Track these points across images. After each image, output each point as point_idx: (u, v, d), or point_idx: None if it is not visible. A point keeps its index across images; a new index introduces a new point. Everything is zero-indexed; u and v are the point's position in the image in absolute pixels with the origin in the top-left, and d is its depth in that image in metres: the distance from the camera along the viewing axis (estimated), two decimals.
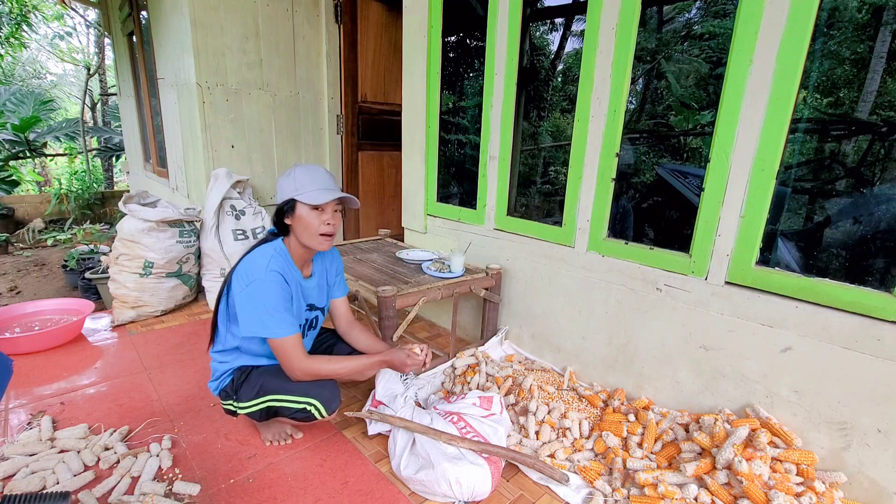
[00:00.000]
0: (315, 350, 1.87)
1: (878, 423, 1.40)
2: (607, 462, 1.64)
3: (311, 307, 1.71)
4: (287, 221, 1.53)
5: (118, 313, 2.73)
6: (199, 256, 3.00)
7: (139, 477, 1.53)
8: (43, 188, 9.03)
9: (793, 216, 2.10)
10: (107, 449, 1.66)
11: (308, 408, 1.56)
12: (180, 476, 1.55)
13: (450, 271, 2.28)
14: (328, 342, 1.90)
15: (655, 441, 1.67)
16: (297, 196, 1.47)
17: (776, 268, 1.56)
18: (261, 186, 3.38)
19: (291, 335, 1.49)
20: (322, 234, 1.50)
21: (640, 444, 1.67)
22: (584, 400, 1.94)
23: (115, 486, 1.49)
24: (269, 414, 1.62)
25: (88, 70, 7.38)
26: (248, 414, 1.62)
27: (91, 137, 7.46)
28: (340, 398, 1.61)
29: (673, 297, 1.80)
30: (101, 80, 9.27)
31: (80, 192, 5.99)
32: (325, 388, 1.58)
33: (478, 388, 2.03)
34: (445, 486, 1.45)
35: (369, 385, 1.98)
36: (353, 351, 1.84)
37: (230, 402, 1.64)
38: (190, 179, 3.36)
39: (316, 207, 1.48)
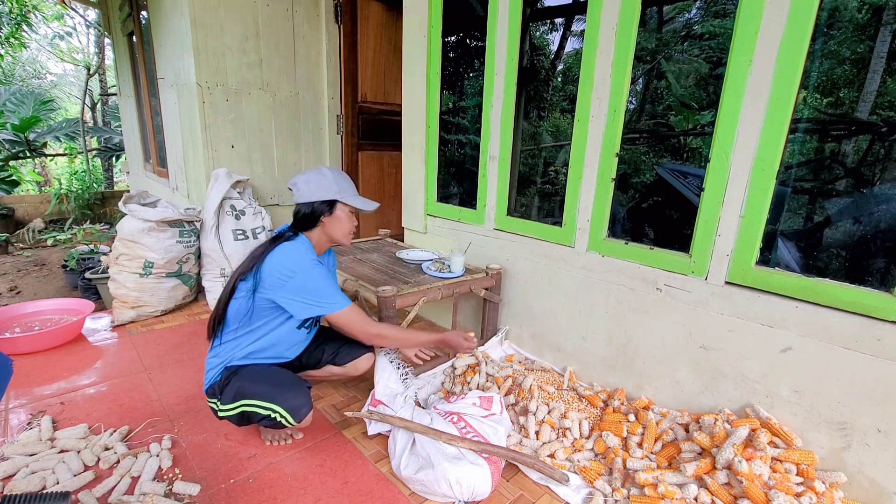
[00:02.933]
0: (317, 347, 1.88)
1: (878, 423, 1.40)
2: (607, 462, 1.64)
3: None
4: (323, 219, 1.63)
5: (118, 313, 2.73)
6: (199, 256, 3.00)
7: (139, 477, 1.53)
8: (43, 188, 9.02)
9: (793, 216, 2.10)
10: (107, 449, 1.66)
11: (273, 415, 1.54)
12: (180, 476, 1.55)
13: (450, 271, 2.28)
14: (319, 338, 1.91)
15: (655, 441, 1.67)
16: (343, 198, 1.62)
17: (776, 268, 1.56)
18: (261, 186, 3.38)
19: (350, 304, 1.58)
20: (352, 233, 1.72)
21: (640, 444, 1.67)
22: (584, 400, 1.94)
23: (115, 486, 1.49)
24: (243, 419, 1.60)
25: (88, 70, 7.38)
26: (227, 417, 1.61)
27: (91, 137, 7.46)
28: (311, 405, 1.60)
29: (673, 297, 1.80)
30: (101, 80, 9.26)
31: (80, 192, 5.99)
32: (295, 395, 1.56)
33: (478, 388, 2.03)
34: (445, 486, 1.45)
35: (369, 385, 1.98)
36: (345, 343, 1.87)
37: (215, 400, 1.63)
38: (190, 179, 3.36)
39: (353, 211, 1.67)
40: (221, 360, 1.65)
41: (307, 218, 1.62)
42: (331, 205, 1.61)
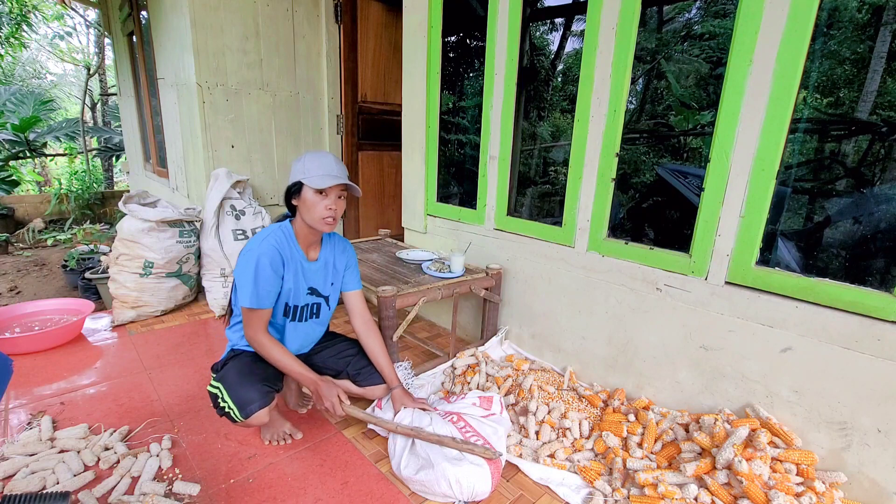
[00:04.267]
0: (341, 358, 1.85)
1: (878, 423, 1.40)
2: (607, 462, 1.64)
3: (313, 291, 1.71)
4: (294, 202, 1.60)
5: (118, 313, 2.73)
6: (199, 256, 3.00)
7: (139, 477, 1.53)
8: (43, 188, 9.02)
9: (793, 216, 2.10)
10: (107, 449, 1.66)
11: (222, 404, 1.54)
12: (180, 476, 1.55)
13: (450, 271, 2.28)
14: (348, 351, 1.87)
15: (655, 441, 1.67)
16: (304, 179, 1.53)
17: (776, 268, 1.56)
18: (261, 186, 3.38)
19: (255, 308, 1.53)
20: (324, 218, 1.55)
21: (640, 444, 1.67)
22: (584, 400, 1.94)
23: (115, 486, 1.48)
24: (215, 400, 1.59)
25: (88, 70, 7.38)
26: (209, 393, 1.61)
27: (91, 137, 7.46)
28: (263, 404, 1.53)
29: (673, 297, 1.80)
30: (101, 80, 9.26)
31: (80, 192, 5.99)
32: (248, 390, 1.53)
33: (478, 387, 2.03)
34: (445, 486, 1.45)
35: None
36: (368, 364, 1.82)
37: (214, 374, 1.65)
38: (190, 179, 3.36)
39: (320, 192, 1.53)
40: (231, 342, 1.72)
41: (287, 204, 1.63)
42: (298, 187, 1.55)
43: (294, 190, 1.57)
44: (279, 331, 1.71)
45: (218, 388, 1.57)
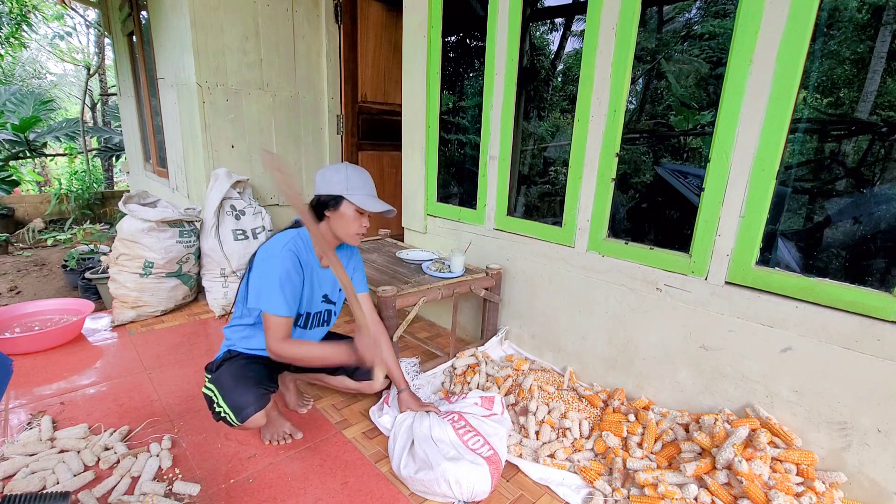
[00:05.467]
0: None
1: (878, 423, 1.40)
2: (607, 462, 1.64)
3: (326, 299, 1.71)
4: (326, 213, 1.58)
5: (118, 313, 2.73)
6: (199, 256, 3.00)
7: (139, 477, 1.53)
8: (43, 188, 9.02)
9: (793, 216, 2.10)
10: (107, 449, 1.66)
11: (218, 409, 1.53)
12: (180, 476, 1.55)
13: (450, 271, 2.28)
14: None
15: (655, 441, 1.67)
16: (348, 195, 1.54)
17: (776, 268, 1.56)
18: (261, 186, 3.38)
19: (278, 315, 1.48)
20: (358, 234, 1.61)
21: (640, 444, 1.67)
22: (584, 400, 1.94)
23: (115, 486, 1.49)
24: (210, 404, 1.59)
25: (88, 70, 7.38)
26: (204, 394, 1.61)
27: (91, 137, 7.46)
28: (259, 407, 1.52)
29: (673, 297, 1.80)
30: (101, 80, 9.26)
31: (80, 192, 5.99)
32: (242, 393, 1.52)
33: (478, 387, 2.03)
34: (445, 487, 1.45)
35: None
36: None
37: (208, 375, 1.64)
38: (190, 179, 3.36)
39: (361, 212, 1.56)
40: (229, 341, 1.69)
41: (313, 210, 1.61)
42: (337, 200, 1.55)
43: (331, 201, 1.55)
44: None
45: (212, 390, 1.56)
